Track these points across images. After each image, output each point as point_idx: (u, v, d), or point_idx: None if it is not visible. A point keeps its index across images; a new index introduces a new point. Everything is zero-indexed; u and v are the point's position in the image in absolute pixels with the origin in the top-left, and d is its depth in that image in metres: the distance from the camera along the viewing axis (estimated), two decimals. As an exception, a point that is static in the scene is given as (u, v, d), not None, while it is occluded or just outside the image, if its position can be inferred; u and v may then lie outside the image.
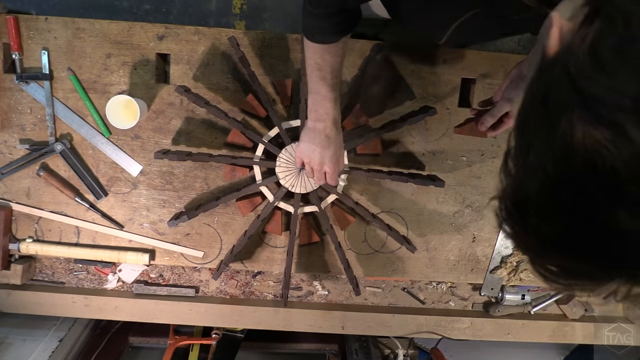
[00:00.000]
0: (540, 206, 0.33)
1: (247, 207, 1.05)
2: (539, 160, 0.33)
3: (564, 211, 0.32)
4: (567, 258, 0.33)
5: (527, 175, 0.35)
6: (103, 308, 1.11)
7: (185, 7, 1.82)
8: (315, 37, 0.72)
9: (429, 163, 1.07)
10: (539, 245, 0.35)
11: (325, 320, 1.14)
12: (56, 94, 1.01)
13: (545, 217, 0.33)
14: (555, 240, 0.34)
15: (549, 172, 0.32)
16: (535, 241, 0.35)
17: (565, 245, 0.33)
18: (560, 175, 0.32)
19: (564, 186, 0.31)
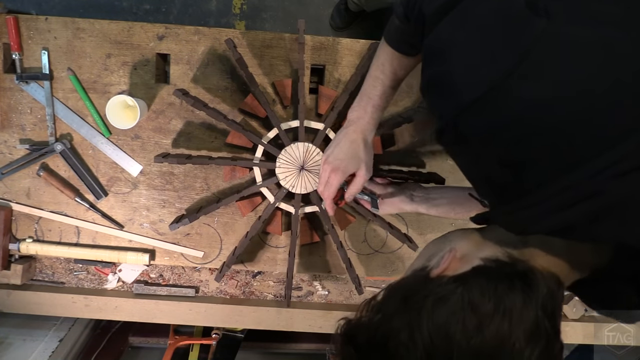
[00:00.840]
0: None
1: (247, 207, 1.05)
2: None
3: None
4: None
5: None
6: (103, 308, 1.11)
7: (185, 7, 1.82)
8: (391, 40, 0.73)
9: (429, 163, 1.07)
10: None
11: (325, 320, 1.14)
12: (56, 94, 1.01)
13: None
14: None
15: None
16: None
17: None
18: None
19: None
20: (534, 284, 0.43)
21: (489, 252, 0.47)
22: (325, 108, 1.02)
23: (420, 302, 0.43)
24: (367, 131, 0.81)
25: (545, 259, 0.46)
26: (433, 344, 0.40)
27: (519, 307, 0.41)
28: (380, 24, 1.82)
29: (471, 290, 0.42)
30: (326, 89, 1.02)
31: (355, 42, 1.02)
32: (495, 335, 0.40)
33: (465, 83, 0.46)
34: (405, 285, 0.48)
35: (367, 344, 0.44)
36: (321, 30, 1.85)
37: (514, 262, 0.45)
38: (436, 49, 0.50)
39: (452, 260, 0.48)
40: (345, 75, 1.03)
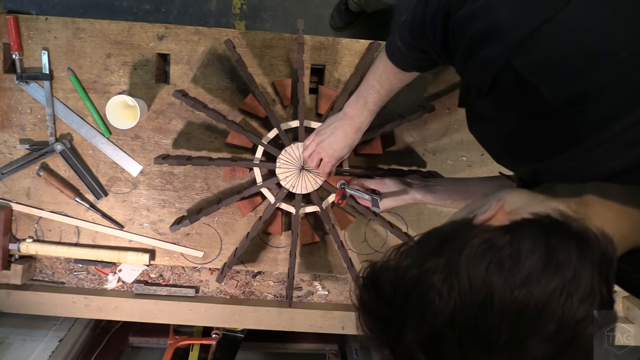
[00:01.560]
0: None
1: (247, 208, 1.05)
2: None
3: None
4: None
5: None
6: (103, 308, 1.11)
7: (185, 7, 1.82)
8: (392, 57, 0.74)
9: (429, 163, 1.07)
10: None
11: (325, 320, 1.14)
12: (56, 94, 1.01)
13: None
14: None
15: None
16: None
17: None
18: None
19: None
20: (589, 243, 0.38)
21: (540, 207, 0.42)
22: (325, 108, 1.02)
23: (460, 245, 0.38)
24: (362, 127, 0.89)
25: (604, 212, 0.42)
26: (471, 292, 0.35)
27: (573, 263, 0.36)
28: (380, 24, 1.83)
29: (521, 238, 0.38)
30: (326, 89, 1.02)
31: (355, 42, 1.02)
32: (543, 290, 0.35)
33: (516, 21, 0.43)
34: (443, 231, 0.43)
35: (392, 288, 0.40)
36: (321, 30, 1.84)
37: (567, 221, 0.40)
38: (473, 13, 0.48)
39: (500, 211, 0.43)
40: (345, 75, 1.03)
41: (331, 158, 0.91)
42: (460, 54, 0.52)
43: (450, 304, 0.36)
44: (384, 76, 0.79)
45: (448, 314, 0.36)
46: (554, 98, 0.43)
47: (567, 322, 0.35)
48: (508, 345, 0.35)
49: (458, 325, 0.36)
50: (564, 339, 0.35)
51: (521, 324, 0.35)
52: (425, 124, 1.06)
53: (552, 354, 0.35)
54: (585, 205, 0.43)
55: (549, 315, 0.35)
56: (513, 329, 0.35)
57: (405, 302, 0.38)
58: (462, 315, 0.36)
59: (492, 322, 0.35)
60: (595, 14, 0.39)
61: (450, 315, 0.36)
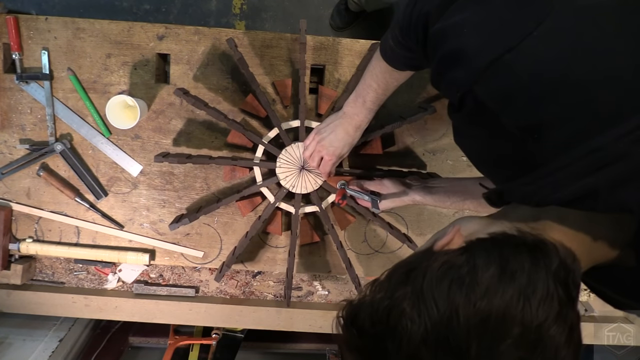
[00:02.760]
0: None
1: (247, 207, 1.05)
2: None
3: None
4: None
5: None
6: (103, 308, 1.11)
7: (185, 7, 1.82)
8: (386, 55, 0.75)
9: (429, 163, 1.08)
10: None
11: (326, 320, 1.14)
12: (56, 94, 1.01)
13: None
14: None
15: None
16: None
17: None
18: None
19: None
20: (544, 252, 0.41)
21: (497, 228, 0.45)
22: (325, 108, 1.02)
23: (423, 271, 0.41)
24: (362, 125, 0.90)
25: (560, 233, 0.44)
26: (438, 312, 0.38)
27: (527, 270, 0.39)
28: (381, 24, 1.82)
29: (476, 255, 0.41)
30: (326, 89, 1.02)
31: (355, 42, 1.02)
32: (502, 299, 0.38)
33: (480, 48, 0.45)
34: (408, 261, 0.46)
35: (369, 322, 0.42)
36: (321, 30, 1.85)
37: (523, 235, 0.43)
38: (446, 30, 0.49)
39: (457, 235, 0.46)
40: (345, 75, 1.03)
41: (332, 156, 0.92)
42: (434, 68, 0.54)
43: (422, 326, 0.39)
44: (379, 75, 0.80)
45: (421, 335, 0.39)
46: (511, 125, 0.46)
47: (529, 325, 0.37)
48: (480, 354, 0.37)
49: (432, 344, 0.38)
50: (529, 341, 0.37)
51: (488, 333, 0.37)
52: (425, 124, 1.06)
53: (522, 356, 0.37)
54: (543, 226, 0.46)
55: (510, 321, 0.37)
56: (481, 338, 0.37)
57: (383, 332, 0.41)
58: (433, 335, 0.38)
59: (461, 335, 0.38)
60: (556, 45, 0.40)
61: (423, 336, 0.39)
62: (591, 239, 0.45)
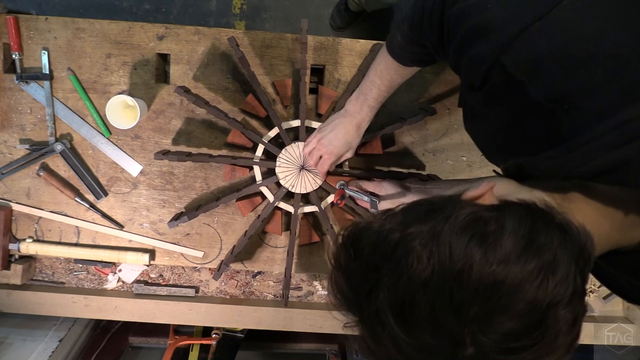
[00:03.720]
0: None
1: (247, 207, 1.05)
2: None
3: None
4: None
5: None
6: (103, 308, 1.11)
7: (185, 7, 1.82)
8: (393, 52, 0.74)
9: (429, 163, 1.07)
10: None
11: (326, 320, 1.14)
12: (56, 94, 1.01)
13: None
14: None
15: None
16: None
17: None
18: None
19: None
20: (571, 235, 0.39)
21: (527, 195, 0.43)
22: (325, 108, 1.02)
23: (446, 215, 0.38)
24: (362, 124, 0.90)
25: (586, 210, 0.43)
26: (450, 260, 0.36)
27: (554, 248, 0.37)
28: (381, 23, 1.83)
29: (507, 217, 0.38)
30: (326, 89, 1.02)
31: (355, 42, 1.02)
32: (521, 270, 0.35)
33: (508, 18, 0.44)
34: (431, 201, 0.43)
35: (371, 248, 0.40)
36: (321, 30, 1.85)
37: (551, 212, 0.41)
38: (466, 9, 0.48)
39: (489, 191, 0.43)
40: (346, 75, 1.03)
41: (330, 155, 0.92)
42: (454, 49, 0.53)
43: (428, 269, 0.36)
44: (384, 71, 0.80)
45: (424, 278, 0.36)
46: (540, 96, 0.44)
47: (539, 303, 0.35)
48: (478, 316, 0.35)
49: (433, 292, 0.36)
50: (533, 319, 0.36)
51: (495, 299, 0.35)
52: (425, 125, 1.06)
53: (519, 332, 0.35)
54: (569, 201, 0.44)
55: (523, 294, 0.35)
56: (486, 302, 0.35)
57: (383, 263, 0.38)
58: (438, 282, 0.36)
59: (466, 292, 0.36)
60: (586, 14, 0.39)
61: (426, 281, 0.36)
62: (617, 216, 0.43)
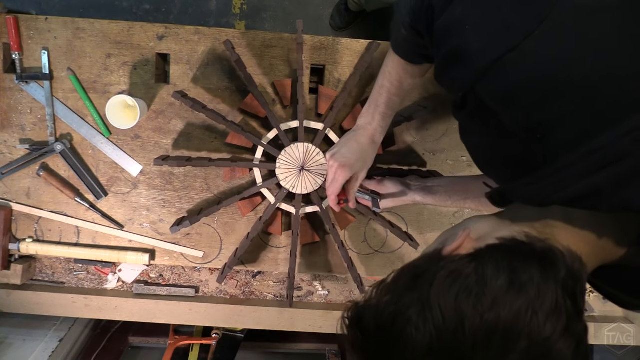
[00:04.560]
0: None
1: (248, 208, 1.05)
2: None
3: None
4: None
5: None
6: (103, 308, 1.11)
7: (185, 7, 1.82)
8: (399, 48, 0.73)
9: (429, 163, 1.07)
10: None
11: (326, 320, 1.14)
12: (56, 94, 1.01)
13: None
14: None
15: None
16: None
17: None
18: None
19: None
20: (553, 262, 0.40)
21: (506, 232, 0.45)
22: (325, 108, 1.02)
23: (430, 279, 0.40)
24: (375, 136, 0.86)
25: (566, 235, 0.44)
26: (444, 321, 0.38)
27: (536, 282, 0.38)
28: (381, 24, 1.82)
29: (485, 264, 0.40)
30: (326, 89, 1.02)
31: (355, 42, 1.02)
32: (510, 311, 0.37)
33: (482, 48, 0.45)
34: (416, 265, 0.45)
35: (374, 326, 0.42)
36: (321, 30, 1.84)
37: (531, 242, 0.42)
38: (449, 26, 0.49)
39: (467, 239, 0.45)
40: (345, 75, 1.03)
41: (344, 168, 0.82)
42: (438, 64, 0.54)
43: (427, 335, 0.38)
44: (393, 72, 0.78)
45: (426, 344, 0.38)
46: (514, 125, 0.45)
47: (536, 338, 0.37)
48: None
49: (437, 354, 0.38)
50: (536, 355, 0.37)
51: (494, 345, 0.37)
52: (425, 124, 1.06)
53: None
54: (550, 227, 0.45)
55: (518, 334, 0.37)
56: (487, 350, 0.37)
57: (388, 337, 0.40)
58: (438, 344, 0.38)
59: (466, 346, 0.37)
60: (557, 44, 0.40)
61: (428, 346, 0.38)
62: (597, 237, 0.44)
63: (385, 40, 1.02)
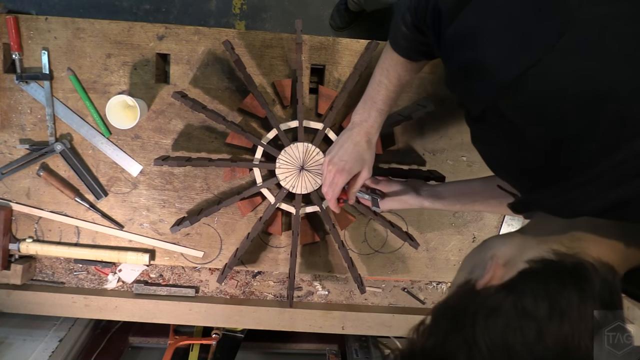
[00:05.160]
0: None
1: (247, 208, 1.05)
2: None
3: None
4: None
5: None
6: (103, 308, 1.11)
7: (185, 7, 1.82)
8: (397, 46, 0.72)
9: (429, 163, 1.07)
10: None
11: (325, 320, 1.14)
12: (56, 94, 1.01)
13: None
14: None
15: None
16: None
17: None
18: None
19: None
20: (587, 277, 0.40)
21: (533, 252, 0.45)
22: (325, 108, 1.02)
23: (471, 319, 0.41)
24: (371, 134, 0.83)
25: (595, 246, 0.44)
26: (494, 359, 0.38)
27: (576, 305, 0.38)
28: (380, 23, 1.83)
29: (522, 296, 0.40)
30: (326, 89, 1.02)
31: (355, 42, 1.02)
32: (557, 340, 0.37)
33: (503, 63, 0.44)
34: (452, 303, 0.46)
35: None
36: (321, 30, 1.85)
37: (561, 259, 0.42)
38: (463, 36, 0.48)
39: (496, 268, 0.46)
40: (345, 75, 1.03)
41: (342, 173, 0.82)
42: (449, 71, 0.53)
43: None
44: (391, 70, 0.76)
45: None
46: (537, 139, 0.45)
47: (590, 355, 0.38)
48: None
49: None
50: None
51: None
52: (426, 124, 1.06)
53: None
54: (577, 240, 0.45)
55: (573, 356, 0.37)
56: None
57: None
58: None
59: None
60: (581, 56, 0.40)
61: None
62: (625, 246, 0.44)
63: (384, 40, 1.02)
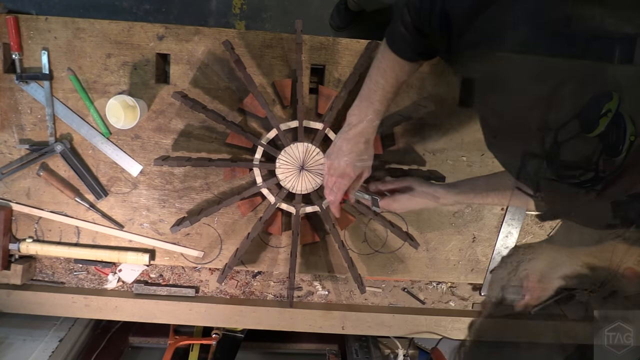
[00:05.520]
0: None
1: (247, 208, 1.05)
2: None
3: None
4: None
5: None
6: (103, 308, 1.11)
7: (185, 7, 1.82)
8: (395, 46, 0.71)
9: (429, 163, 1.07)
10: None
11: (325, 320, 1.14)
12: (56, 94, 1.01)
13: None
14: None
15: None
16: None
17: None
18: None
19: None
20: (620, 289, 0.40)
21: (567, 268, 0.45)
22: (325, 108, 1.02)
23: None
24: (368, 134, 0.82)
25: (626, 255, 0.43)
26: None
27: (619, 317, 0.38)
28: (380, 23, 1.82)
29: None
30: (326, 88, 1.02)
31: (355, 42, 1.02)
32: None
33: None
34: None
35: None
36: (321, 30, 1.85)
37: (595, 273, 0.42)
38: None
39: (533, 287, 0.45)
40: (345, 75, 1.03)
41: (343, 177, 0.82)
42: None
43: None
44: (388, 70, 0.75)
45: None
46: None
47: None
48: None
49: None
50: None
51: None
52: (426, 124, 1.06)
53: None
54: (608, 251, 0.45)
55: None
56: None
57: None
58: None
59: None
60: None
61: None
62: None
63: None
